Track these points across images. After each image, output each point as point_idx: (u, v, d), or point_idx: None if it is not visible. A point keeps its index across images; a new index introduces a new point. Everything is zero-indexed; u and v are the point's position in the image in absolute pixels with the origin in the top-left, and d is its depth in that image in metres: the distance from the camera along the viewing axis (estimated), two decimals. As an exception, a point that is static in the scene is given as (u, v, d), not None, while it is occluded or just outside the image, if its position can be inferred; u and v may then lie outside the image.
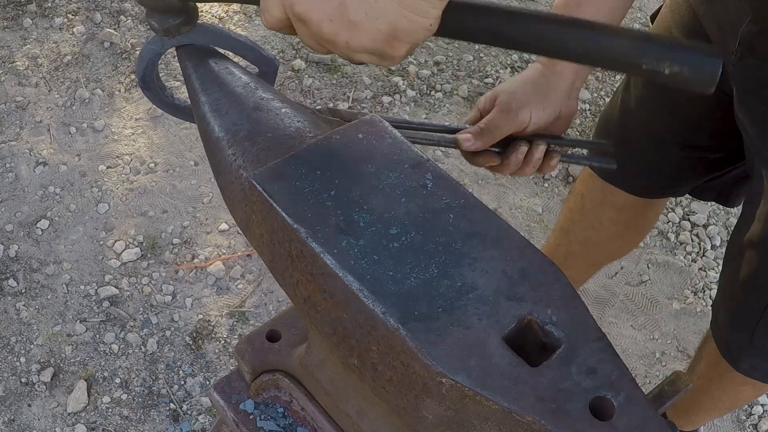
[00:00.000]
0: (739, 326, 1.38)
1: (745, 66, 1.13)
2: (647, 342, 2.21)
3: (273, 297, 2.14)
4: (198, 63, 0.96)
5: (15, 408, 1.90)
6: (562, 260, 1.82)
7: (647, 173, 1.52)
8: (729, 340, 1.43)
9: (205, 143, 0.93)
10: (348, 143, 0.83)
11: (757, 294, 1.32)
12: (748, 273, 1.31)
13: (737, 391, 1.60)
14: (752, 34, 1.08)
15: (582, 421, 0.64)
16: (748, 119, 1.18)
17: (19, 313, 2.06)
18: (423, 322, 0.69)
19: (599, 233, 1.71)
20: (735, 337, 1.40)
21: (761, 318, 1.32)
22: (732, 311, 1.38)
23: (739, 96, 1.18)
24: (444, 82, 2.77)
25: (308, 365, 0.98)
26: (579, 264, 1.83)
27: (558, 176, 2.55)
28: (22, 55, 2.69)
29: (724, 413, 1.88)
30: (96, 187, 2.35)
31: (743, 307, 1.36)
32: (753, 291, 1.32)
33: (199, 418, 1.91)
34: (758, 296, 1.32)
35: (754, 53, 1.10)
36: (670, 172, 1.50)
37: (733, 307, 1.38)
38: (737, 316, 1.38)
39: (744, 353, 1.40)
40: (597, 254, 1.81)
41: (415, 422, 0.74)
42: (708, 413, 1.77)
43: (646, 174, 1.52)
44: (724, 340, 1.44)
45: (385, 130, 0.85)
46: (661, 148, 1.45)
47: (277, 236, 0.79)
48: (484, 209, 0.79)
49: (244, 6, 2.92)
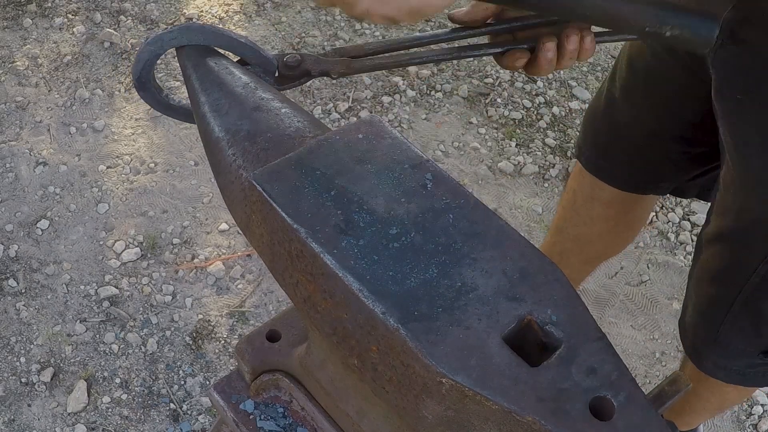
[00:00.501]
0: (706, 323, 1.35)
1: (725, 53, 1.13)
2: (647, 342, 2.21)
3: (273, 297, 2.14)
4: (198, 63, 0.96)
5: (15, 408, 1.90)
6: (557, 258, 1.82)
7: (630, 166, 1.51)
8: (695, 339, 1.40)
9: (205, 143, 0.93)
10: (348, 143, 0.83)
11: (724, 288, 1.29)
12: (715, 267, 1.29)
13: (722, 392, 1.60)
14: (734, 21, 1.08)
15: (582, 421, 0.64)
16: (723, 107, 1.17)
17: (19, 313, 2.06)
18: (423, 322, 0.69)
19: (590, 229, 1.71)
20: (701, 335, 1.38)
21: (727, 314, 1.29)
22: (699, 307, 1.36)
23: (716, 84, 1.17)
24: (444, 82, 2.77)
25: (308, 365, 0.98)
26: (573, 262, 1.83)
27: (558, 176, 2.55)
28: (22, 55, 2.69)
29: (714, 414, 1.87)
30: (96, 187, 2.35)
31: (710, 303, 1.33)
32: (719, 286, 1.30)
33: (199, 418, 1.91)
34: (725, 291, 1.29)
35: (734, 40, 1.10)
36: (654, 165, 1.49)
37: (701, 303, 1.36)
38: (704, 312, 1.35)
39: (709, 351, 1.38)
40: (590, 251, 1.81)
41: (415, 422, 0.74)
42: (700, 414, 1.77)
43: (630, 167, 1.52)
44: (689, 338, 1.42)
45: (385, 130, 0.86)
46: (646, 140, 1.44)
47: (277, 236, 0.79)
48: (484, 209, 0.79)
49: (244, 6, 2.92)
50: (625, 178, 1.55)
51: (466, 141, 2.62)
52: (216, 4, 2.92)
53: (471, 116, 2.68)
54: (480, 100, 2.73)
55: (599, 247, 1.79)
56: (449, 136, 2.63)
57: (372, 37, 2.88)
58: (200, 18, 2.87)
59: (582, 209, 1.70)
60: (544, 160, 2.59)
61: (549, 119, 2.69)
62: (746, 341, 1.33)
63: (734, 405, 1.94)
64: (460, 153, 2.58)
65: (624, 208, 1.64)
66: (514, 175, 2.54)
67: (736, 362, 1.38)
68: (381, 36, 2.89)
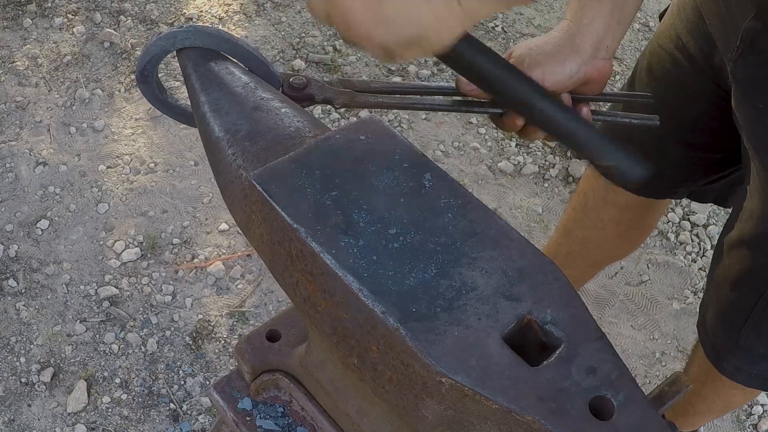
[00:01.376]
0: (727, 326, 1.36)
1: (745, 63, 1.13)
2: (647, 342, 2.21)
3: (273, 297, 2.14)
4: (198, 63, 0.96)
5: (15, 408, 1.90)
6: (562, 260, 1.82)
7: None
8: (715, 341, 1.41)
9: (205, 143, 0.93)
10: (348, 143, 0.83)
11: (745, 293, 1.30)
12: (737, 271, 1.30)
13: (728, 394, 1.60)
14: (755, 31, 1.08)
15: (582, 420, 0.64)
16: (744, 116, 1.18)
17: (19, 313, 2.06)
18: (423, 321, 0.69)
19: (600, 233, 1.71)
20: (722, 338, 1.39)
21: (749, 318, 1.30)
22: (720, 311, 1.37)
23: (737, 93, 1.18)
24: (444, 82, 2.77)
25: (308, 365, 0.98)
26: (579, 264, 1.83)
27: (558, 176, 2.55)
28: (22, 55, 2.69)
29: (718, 416, 1.88)
30: (96, 187, 2.35)
31: (731, 307, 1.34)
32: (742, 290, 1.31)
33: (199, 418, 1.91)
34: (747, 295, 1.30)
35: (755, 50, 1.10)
36: (671, 171, 1.49)
37: (722, 307, 1.36)
38: (725, 316, 1.36)
39: (729, 354, 1.39)
40: (597, 254, 1.81)
41: (415, 422, 0.74)
42: (703, 415, 1.77)
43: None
44: (710, 341, 1.42)
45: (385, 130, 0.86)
46: (663, 146, 1.44)
47: (277, 236, 0.79)
48: (484, 209, 0.79)
49: (244, 6, 2.92)
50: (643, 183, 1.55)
51: (466, 141, 2.62)
52: (216, 3, 2.92)
53: (471, 116, 2.68)
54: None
55: (606, 251, 1.79)
56: (449, 136, 2.63)
57: (372, 37, 2.88)
58: (200, 18, 2.87)
59: (593, 212, 1.70)
60: (544, 160, 2.59)
61: (549, 119, 2.69)
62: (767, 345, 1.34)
63: (738, 407, 1.94)
64: (460, 153, 2.58)
65: (638, 212, 1.64)
66: (514, 175, 2.54)
67: (758, 366, 1.39)
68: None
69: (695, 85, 1.33)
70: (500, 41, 2.89)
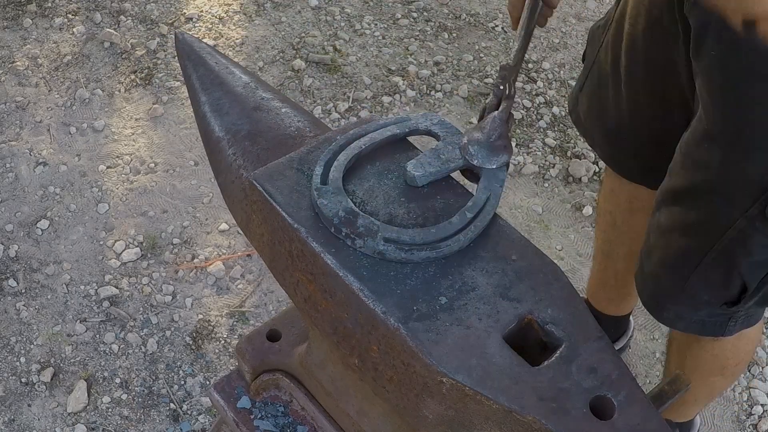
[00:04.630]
0: (672, 274, 1.34)
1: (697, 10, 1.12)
2: (647, 342, 2.21)
3: (273, 297, 2.14)
4: (198, 63, 0.96)
5: (15, 408, 1.90)
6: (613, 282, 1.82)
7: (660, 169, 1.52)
8: (656, 289, 1.39)
9: (206, 143, 0.93)
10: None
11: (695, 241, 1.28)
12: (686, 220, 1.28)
13: (709, 382, 1.60)
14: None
15: (582, 420, 0.64)
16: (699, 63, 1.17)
17: (19, 313, 2.06)
18: (423, 321, 0.69)
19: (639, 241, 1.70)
20: (665, 285, 1.37)
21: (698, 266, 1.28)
22: (666, 257, 1.35)
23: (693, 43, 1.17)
24: (444, 82, 2.77)
25: (309, 365, 0.98)
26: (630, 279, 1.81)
27: (558, 176, 2.55)
28: (22, 55, 2.69)
29: (706, 402, 1.87)
30: (96, 187, 2.35)
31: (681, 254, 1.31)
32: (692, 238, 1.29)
33: (199, 418, 1.91)
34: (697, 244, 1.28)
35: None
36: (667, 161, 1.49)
37: (667, 255, 1.34)
38: (671, 264, 1.34)
39: (671, 302, 1.37)
40: None
41: (416, 422, 0.74)
42: (692, 405, 1.78)
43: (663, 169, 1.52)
44: (649, 289, 1.40)
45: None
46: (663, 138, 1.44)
47: (278, 236, 0.79)
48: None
49: (244, 6, 2.92)
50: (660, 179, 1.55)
51: (466, 141, 2.62)
52: (216, 3, 2.92)
53: (471, 116, 2.68)
54: (480, 100, 2.73)
55: None
56: (449, 136, 2.62)
57: (372, 37, 2.88)
58: (200, 18, 2.87)
59: (624, 226, 1.69)
60: (544, 160, 2.59)
61: (549, 119, 2.69)
62: (713, 293, 1.32)
63: (723, 391, 1.93)
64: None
65: None
66: (513, 175, 2.54)
67: (698, 313, 1.37)
68: (381, 36, 2.89)
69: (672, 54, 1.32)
70: (500, 41, 2.89)
